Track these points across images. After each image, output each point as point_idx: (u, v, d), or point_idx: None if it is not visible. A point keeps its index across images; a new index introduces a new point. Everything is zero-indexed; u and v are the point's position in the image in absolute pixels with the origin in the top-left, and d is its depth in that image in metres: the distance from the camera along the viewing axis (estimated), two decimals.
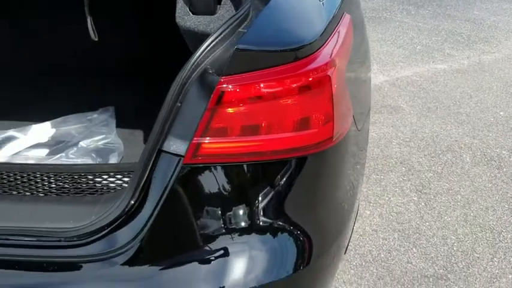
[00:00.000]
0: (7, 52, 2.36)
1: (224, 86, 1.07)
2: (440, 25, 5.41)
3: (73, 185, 1.32)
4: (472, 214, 2.67)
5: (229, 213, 1.21)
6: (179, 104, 1.14)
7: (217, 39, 1.13)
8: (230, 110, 1.09)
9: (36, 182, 1.33)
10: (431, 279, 2.29)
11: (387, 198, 2.77)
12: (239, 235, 1.22)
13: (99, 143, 1.87)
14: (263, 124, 1.13)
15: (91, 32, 1.65)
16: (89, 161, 1.74)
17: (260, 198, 1.22)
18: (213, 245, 1.20)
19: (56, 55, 2.35)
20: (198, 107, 1.11)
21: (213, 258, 1.19)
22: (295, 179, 1.24)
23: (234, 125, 1.12)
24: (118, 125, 2.04)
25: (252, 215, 1.21)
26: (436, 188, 2.85)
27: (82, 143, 1.87)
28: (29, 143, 1.89)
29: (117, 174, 1.33)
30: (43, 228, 1.19)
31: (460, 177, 2.95)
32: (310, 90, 1.12)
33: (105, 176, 1.33)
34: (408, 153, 3.14)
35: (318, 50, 1.16)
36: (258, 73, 1.09)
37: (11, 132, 1.94)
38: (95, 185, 1.33)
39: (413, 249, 2.46)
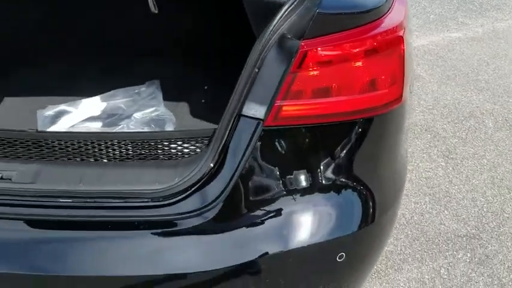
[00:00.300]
0: (54, 26, 2.40)
1: (306, 49, 1.13)
2: None
3: (150, 151, 1.39)
4: (498, 177, 2.76)
5: (302, 172, 1.28)
6: (257, 70, 1.19)
7: (292, 6, 1.19)
8: (310, 72, 1.16)
9: (114, 149, 1.40)
10: (464, 239, 2.39)
11: (415, 164, 2.85)
12: (312, 192, 1.29)
13: (152, 114, 1.92)
14: (340, 85, 1.19)
15: (151, 4, 1.69)
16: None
17: (331, 158, 1.29)
18: (287, 202, 1.28)
19: (107, 29, 2.38)
20: (277, 72, 1.17)
21: (288, 213, 1.27)
22: (364, 139, 1.31)
23: (313, 87, 1.18)
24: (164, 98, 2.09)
25: (324, 174, 1.29)
26: (462, 153, 2.93)
27: (135, 115, 1.92)
28: (82, 116, 1.94)
29: (191, 140, 1.39)
30: (131, 191, 1.26)
31: (485, 142, 3.02)
32: (384, 50, 1.18)
33: (179, 142, 1.39)
34: (432, 120, 3.21)
35: (387, 12, 1.22)
36: (337, 35, 1.15)
37: (62, 107, 1.99)
38: (170, 151, 1.40)
39: (445, 211, 2.55)
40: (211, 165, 1.25)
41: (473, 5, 5.13)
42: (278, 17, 1.18)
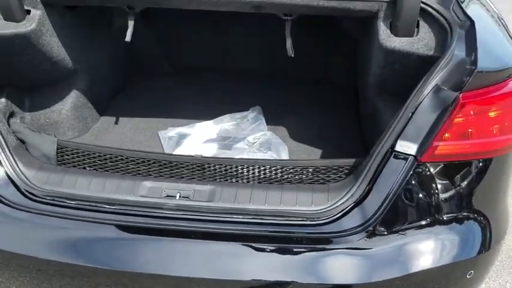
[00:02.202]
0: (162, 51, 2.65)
1: (463, 100, 1.36)
2: None
3: (297, 176, 1.60)
4: None
5: (443, 201, 1.50)
6: (410, 114, 1.43)
7: (445, 63, 1.42)
8: (463, 119, 1.39)
9: (265, 174, 1.61)
10: None
11: None
12: (454, 221, 1.51)
13: (263, 138, 2.12)
14: (480, 130, 1.42)
15: (288, 50, 1.87)
16: (274, 156, 2.00)
17: (463, 191, 1.51)
18: (430, 228, 1.50)
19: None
20: (433, 116, 1.40)
21: (431, 237, 1.49)
22: (487, 176, 1.53)
23: (461, 131, 1.41)
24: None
25: (458, 205, 1.52)
26: None
27: (248, 139, 2.12)
28: (201, 139, 2.14)
29: (334, 168, 1.60)
30: (292, 210, 1.48)
31: None
32: None
33: (322, 170, 1.60)
34: None
35: None
36: (487, 89, 1.38)
37: (181, 129, 2.18)
38: (315, 177, 1.61)
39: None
40: (362, 192, 1.47)
41: None
42: (434, 72, 1.41)
